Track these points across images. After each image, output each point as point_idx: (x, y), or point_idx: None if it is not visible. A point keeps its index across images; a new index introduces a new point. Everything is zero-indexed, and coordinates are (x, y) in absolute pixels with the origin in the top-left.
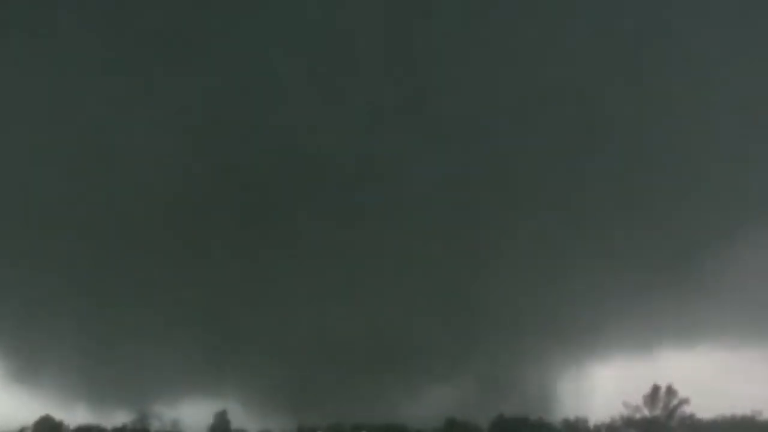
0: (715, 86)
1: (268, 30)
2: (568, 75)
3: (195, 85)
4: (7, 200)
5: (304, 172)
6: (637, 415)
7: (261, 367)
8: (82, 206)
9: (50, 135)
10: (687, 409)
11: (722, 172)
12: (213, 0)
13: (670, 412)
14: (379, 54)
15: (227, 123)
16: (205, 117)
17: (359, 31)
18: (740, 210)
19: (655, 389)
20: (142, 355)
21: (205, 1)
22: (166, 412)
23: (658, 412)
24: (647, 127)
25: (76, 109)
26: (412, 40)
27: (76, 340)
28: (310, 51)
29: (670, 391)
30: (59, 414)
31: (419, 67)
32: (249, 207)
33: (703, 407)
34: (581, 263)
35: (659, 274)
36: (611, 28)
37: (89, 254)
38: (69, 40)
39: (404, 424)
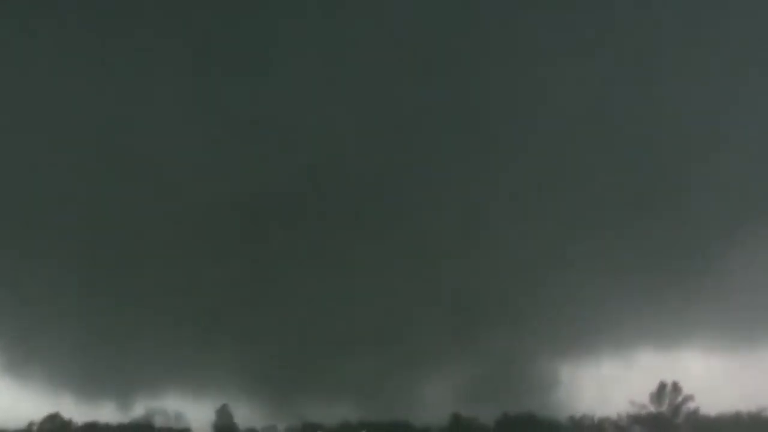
0: (716, 86)
1: (268, 30)
2: (569, 76)
3: (195, 86)
4: (6, 198)
5: (303, 175)
6: (643, 412)
7: (262, 366)
8: (82, 205)
9: (50, 134)
10: (692, 406)
11: (723, 171)
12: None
13: (676, 409)
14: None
15: (227, 125)
16: (207, 118)
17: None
18: (741, 210)
19: (661, 386)
20: (142, 353)
21: (205, 1)
22: (154, 404)
23: (663, 408)
24: (647, 128)
25: (76, 108)
26: (411, 41)
27: (77, 338)
28: (310, 51)
29: (676, 388)
30: (52, 407)
31: (420, 67)
32: (250, 209)
33: (707, 404)
34: (581, 263)
35: (660, 274)
36: (611, 28)
37: (90, 254)
38: (69, 40)
39: (409, 421)
